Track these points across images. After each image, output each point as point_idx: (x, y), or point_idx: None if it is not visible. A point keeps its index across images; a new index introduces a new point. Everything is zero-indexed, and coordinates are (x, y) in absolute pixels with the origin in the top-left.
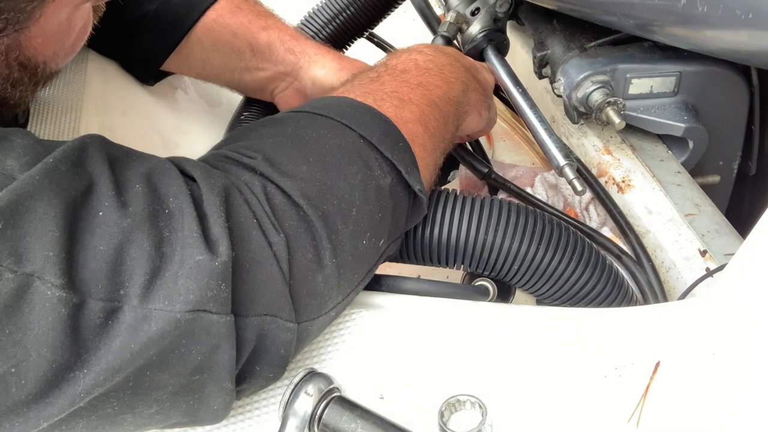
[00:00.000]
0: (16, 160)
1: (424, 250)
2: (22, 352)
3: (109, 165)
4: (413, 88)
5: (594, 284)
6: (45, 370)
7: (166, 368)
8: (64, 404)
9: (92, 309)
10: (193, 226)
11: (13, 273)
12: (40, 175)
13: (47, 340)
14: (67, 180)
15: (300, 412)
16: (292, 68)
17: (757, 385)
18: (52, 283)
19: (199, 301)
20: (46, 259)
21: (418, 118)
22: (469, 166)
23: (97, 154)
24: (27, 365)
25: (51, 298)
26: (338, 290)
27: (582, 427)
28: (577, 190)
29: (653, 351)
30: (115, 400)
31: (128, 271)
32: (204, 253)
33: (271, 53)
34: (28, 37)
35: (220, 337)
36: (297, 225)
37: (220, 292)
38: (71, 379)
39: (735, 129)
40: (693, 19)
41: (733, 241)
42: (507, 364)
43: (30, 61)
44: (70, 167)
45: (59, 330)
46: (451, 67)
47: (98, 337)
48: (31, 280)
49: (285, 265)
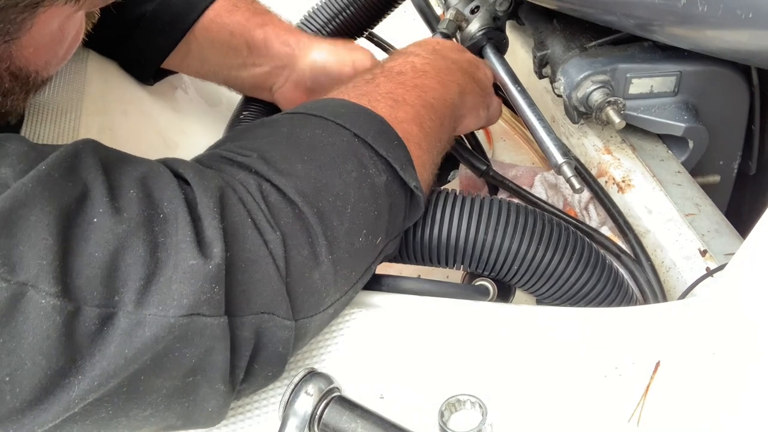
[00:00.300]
0: (10, 167)
1: (424, 250)
2: (16, 360)
3: (103, 170)
4: (409, 90)
5: (594, 284)
6: (40, 378)
7: (161, 372)
8: (59, 410)
9: (87, 316)
10: (186, 231)
11: (7, 282)
12: (32, 183)
13: (42, 348)
14: (60, 187)
15: (300, 412)
16: (288, 60)
17: (757, 385)
18: (46, 291)
19: (192, 305)
20: (40, 267)
21: (413, 118)
22: (467, 164)
23: (90, 159)
24: (21, 373)
25: (45, 306)
26: (335, 287)
27: (582, 427)
28: (575, 188)
29: (653, 351)
30: (109, 404)
31: (123, 277)
32: (197, 257)
33: (267, 49)
34: (19, 48)
35: (214, 339)
36: (293, 222)
37: (214, 295)
38: (66, 385)
39: (735, 129)
40: (693, 18)
41: (733, 241)
42: (507, 364)
43: (21, 71)
44: (63, 174)
45: (54, 338)
46: (448, 70)
47: (93, 343)
48: (25, 289)
49: (281, 263)
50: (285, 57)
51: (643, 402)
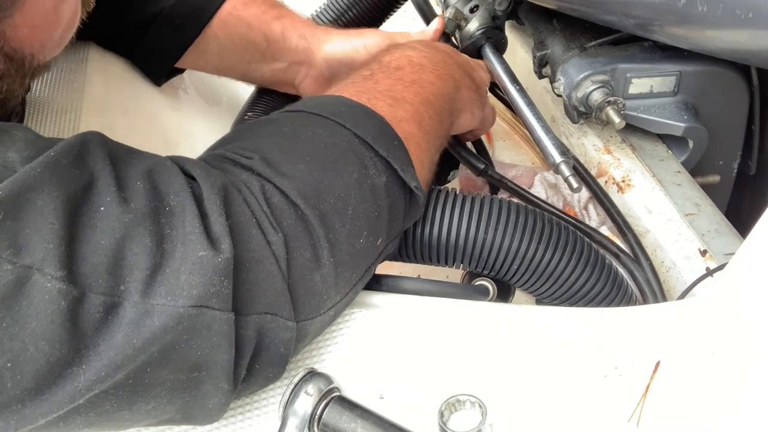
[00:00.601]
0: (18, 153)
1: (424, 248)
2: (18, 346)
3: (110, 161)
4: (407, 86)
5: (593, 283)
6: (42, 365)
7: (167, 364)
8: (62, 401)
9: (92, 303)
10: (195, 223)
11: (12, 265)
12: (41, 168)
13: (45, 334)
14: (68, 174)
15: (300, 412)
16: (305, 56)
17: (756, 385)
18: (51, 275)
19: (202, 296)
20: (46, 251)
21: (412, 116)
22: (466, 163)
23: (98, 150)
24: (23, 359)
25: (51, 290)
26: (336, 289)
27: (582, 427)
28: (572, 187)
29: (653, 351)
30: (114, 397)
31: (129, 267)
32: (207, 249)
33: (285, 41)
34: (13, 27)
35: (221, 335)
36: (295, 224)
37: (223, 289)
38: (69, 375)
39: (735, 129)
40: (693, 18)
41: (733, 241)
42: (507, 364)
43: (16, 53)
44: (72, 161)
45: (58, 323)
46: (444, 63)
47: (98, 332)
48: (30, 272)
49: (284, 265)
50: (303, 52)
51: (642, 402)
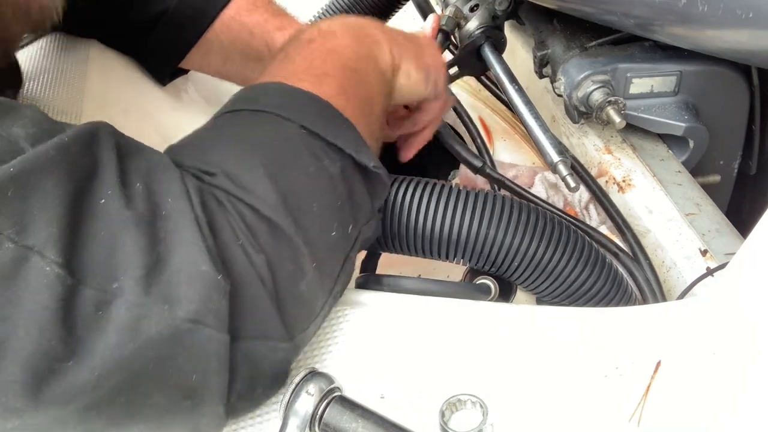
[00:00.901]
0: (23, 129)
1: (426, 242)
2: (9, 327)
3: (116, 154)
4: (324, 58)
5: (593, 282)
6: (30, 352)
7: (160, 381)
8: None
9: (85, 295)
10: (195, 233)
11: (14, 243)
12: (54, 151)
13: (37, 319)
14: (77, 161)
15: (301, 412)
16: None
17: (756, 385)
18: (51, 259)
19: (198, 311)
20: (49, 234)
21: (337, 90)
22: (463, 161)
23: (106, 141)
24: (11, 344)
25: (49, 274)
26: (322, 289)
27: (583, 427)
28: (570, 186)
29: (654, 350)
30: (106, 415)
31: (124, 263)
32: (208, 264)
33: None
34: None
35: (218, 359)
36: (272, 241)
37: (221, 308)
38: (60, 371)
39: (735, 128)
40: (693, 18)
41: (733, 241)
42: (508, 364)
43: None
44: (81, 149)
45: (52, 309)
46: (360, 26)
47: (89, 327)
48: (30, 253)
49: (270, 285)
50: None
51: (643, 402)
